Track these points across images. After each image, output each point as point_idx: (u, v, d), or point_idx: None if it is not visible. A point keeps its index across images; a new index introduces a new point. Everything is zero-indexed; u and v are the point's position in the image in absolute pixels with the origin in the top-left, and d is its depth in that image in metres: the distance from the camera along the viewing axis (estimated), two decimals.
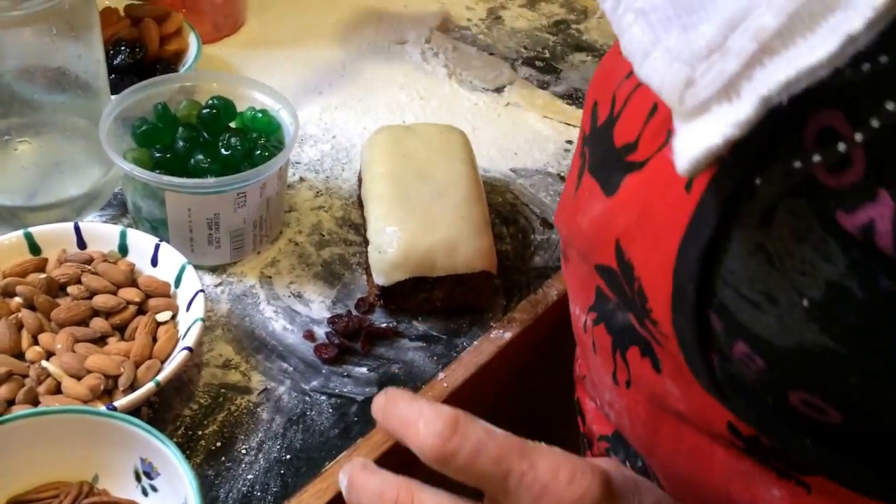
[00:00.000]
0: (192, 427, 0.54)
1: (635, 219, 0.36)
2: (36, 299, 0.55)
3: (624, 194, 0.37)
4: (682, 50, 0.30)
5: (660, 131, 0.36)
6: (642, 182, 0.36)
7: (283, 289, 0.63)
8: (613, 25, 0.33)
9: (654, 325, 0.36)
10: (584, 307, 0.48)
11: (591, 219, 0.40)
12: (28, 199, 0.65)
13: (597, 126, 0.41)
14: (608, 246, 0.38)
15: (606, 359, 0.46)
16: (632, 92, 0.39)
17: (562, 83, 0.87)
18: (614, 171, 0.39)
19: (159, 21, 0.77)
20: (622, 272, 0.37)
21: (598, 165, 0.40)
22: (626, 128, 0.38)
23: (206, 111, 0.66)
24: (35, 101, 0.64)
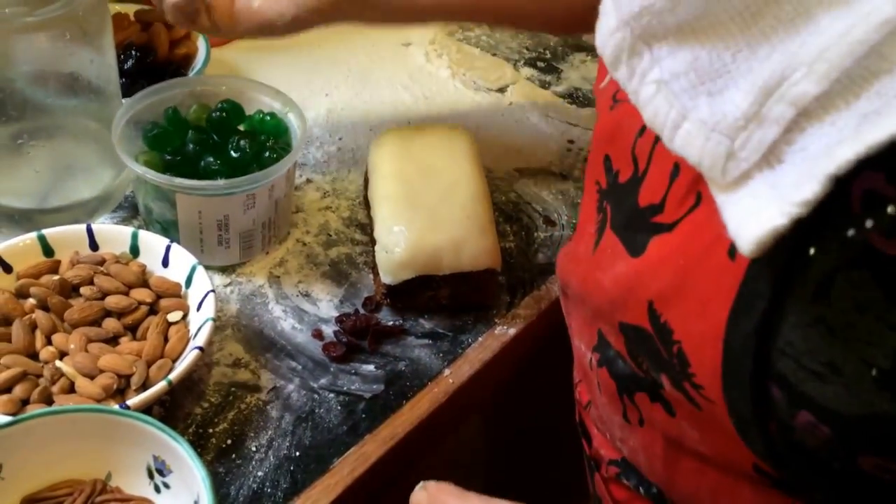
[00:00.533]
0: (203, 425, 0.54)
1: (670, 283, 0.35)
2: (49, 300, 0.55)
3: (653, 256, 0.37)
4: (718, 121, 0.30)
5: (689, 193, 0.35)
6: (674, 245, 0.36)
7: (291, 288, 0.64)
8: (630, 95, 0.33)
9: (695, 388, 0.35)
10: (589, 346, 0.47)
11: (615, 278, 0.39)
12: (41, 202, 0.65)
13: (618, 183, 0.40)
14: (638, 307, 0.37)
15: (613, 400, 0.45)
16: (651, 150, 0.38)
17: (563, 83, 0.87)
18: (639, 231, 0.38)
19: (169, 26, 0.77)
20: (658, 335, 0.36)
21: (621, 224, 0.39)
22: (651, 188, 0.37)
23: (216, 114, 0.66)
24: (48, 105, 0.64)
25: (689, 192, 0.35)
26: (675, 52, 0.32)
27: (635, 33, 0.33)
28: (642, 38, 0.33)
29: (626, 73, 0.33)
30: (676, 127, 0.31)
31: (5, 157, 0.64)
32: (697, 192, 0.34)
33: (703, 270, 0.34)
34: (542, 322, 0.66)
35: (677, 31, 0.32)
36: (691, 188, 0.35)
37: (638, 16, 0.32)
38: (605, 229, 0.41)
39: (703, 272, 0.34)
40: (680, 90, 0.31)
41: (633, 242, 0.38)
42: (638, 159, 0.38)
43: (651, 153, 0.38)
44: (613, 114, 0.41)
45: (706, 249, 0.34)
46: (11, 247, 0.58)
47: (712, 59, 0.31)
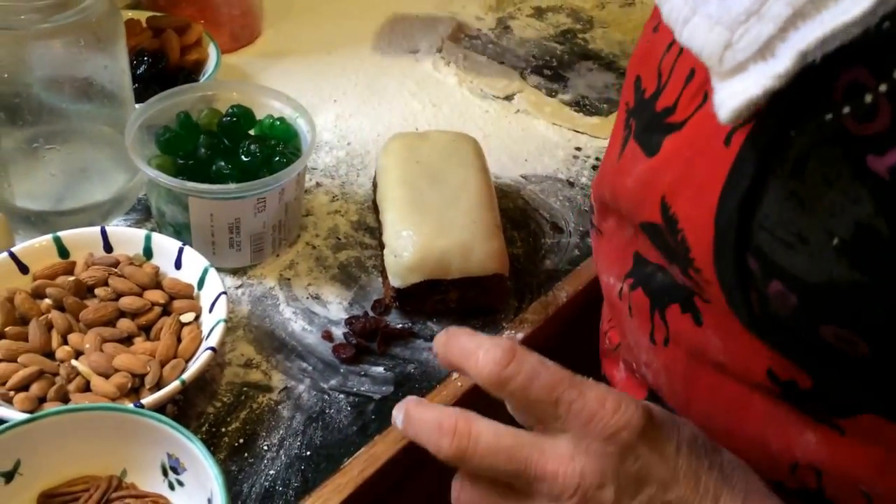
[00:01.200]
0: (216, 424, 0.55)
1: (678, 175, 0.38)
2: (65, 301, 0.56)
3: (666, 153, 0.39)
4: (722, 15, 0.32)
5: (697, 93, 0.37)
6: (683, 140, 0.38)
7: (301, 290, 0.64)
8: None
9: (696, 272, 0.38)
10: (620, 275, 0.49)
11: (636, 178, 0.42)
12: (56, 204, 0.66)
13: (643, 98, 0.43)
14: (653, 203, 0.40)
15: (644, 320, 0.47)
16: (674, 62, 0.40)
17: (569, 91, 0.88)
18: (655, 133, 0.40)
19: (180, 32, 0.79)
20: (667, 226, 0.39)
21: (642, 131, 0.42)
22: (667, 94, 0.40)
23: (227, 119, 0.67)
24: (63, 109, 0.65)
25: (698, 92, 0.37)
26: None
27: None
28: None
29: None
30: (686, 21, 0.34)
31: (22, 160, 0.65)
32: (705, 91, 0.36)
33: (703, 159, 0.36)
34: (550, 327, 0.66)
35: None
36: (700, 88, 0.37)
37: None
38: (628, 140, 0.43)
39: (704, 161, 0.36)
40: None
41: (649, 144, 0.40)
42: (662, 73, 0.41)
43: (673, 65, 0.40)
44: (647, 40, 0.44)
45: (707, 140, 0.36)
46: (28, 248, 0.59)
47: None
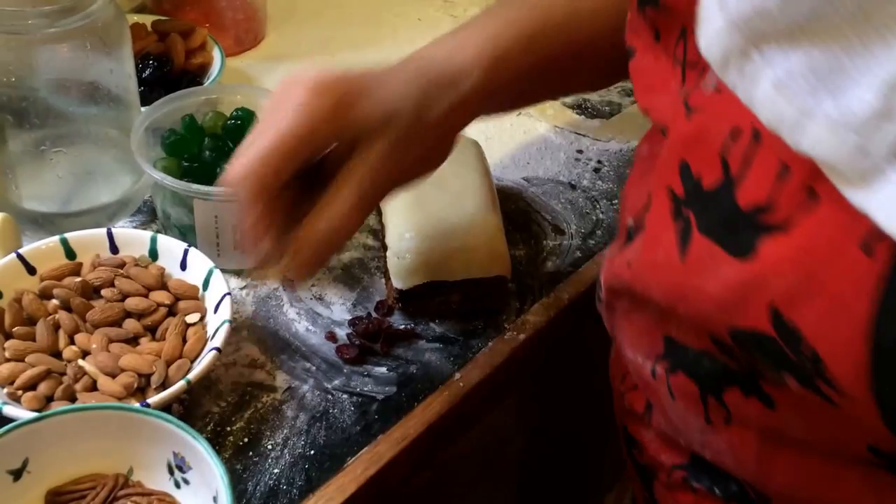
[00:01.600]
0: (221, 423, 0.56)
1: (796, 284, 0.35)
2: (72, 301, 0.57)
3: (769, 257, 0.36)
4: (846, 118, 0.30)
5: (800, 192, 0.34)
6: (794, 246, 0.35)
7: (305, 292, 0.65)
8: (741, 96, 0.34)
9: (829, 386, 0.35)
10: (649, 355, 0.46)
11: (724, 283, 0.38)
12: (63, 206, 0.67)
13: (701, 189, 0.39)
14: (758, 311, 0.36)
15: (693, 404, 0.44)
16: (747, 152, 0.37)
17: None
18: (742, 232, 0.37)
19: (185, 36, 0.79)
20: (783, 338, 0.36)
21: (715, 227, 0.38)
22: (752, 189, 0.36)
23: (231, 122, 0.67)
24: (70, 113, 0.65)
25: (802, 190, 0.34)
26: (787, 53, 0.32)
27: (745, 35, 0.33)
28: (752, 40, 0.33)
29: (737, 75, 0.34)
30: (802, 127, 0.32)
31: (29, 163, 0.66)
32: (812, 188, 0.34)
33: (834, 269, 0.33)
34: (552, 328, 0.67)
35: (788, 33, 0.32)
36: (805, 186, 0.34)
37: (750, 19, 0.33)
38: (690, 235, 0.40)
39: (836, 271, 0.33)
40: (800, 90, 0.32)
41: (735, 244, 0.37)
42: (729, 163, 0.37)
43: (747, 155, 0.37)
44: (692, 122, 0.40)
45: (835, 248, 0.33)
46: (35, 249, 0.59)
47: (827, 58, 0.31)
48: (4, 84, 0.62)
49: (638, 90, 0.49)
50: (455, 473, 0.75)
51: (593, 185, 0.78)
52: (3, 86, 0.62)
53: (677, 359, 0.44)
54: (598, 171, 0.80)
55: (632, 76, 0.50)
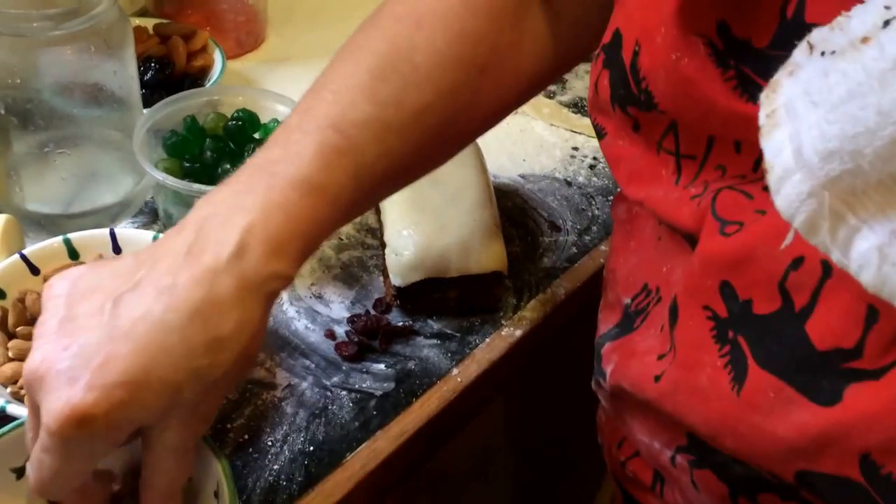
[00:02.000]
0: (222, 420, 0.56)
1: (892, 434, 0.33)
2: None
3: (859, 407, 0.33)
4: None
5: (894, 340, 0.32)
6: (889, 395, 0.33)
7: (304, 290, 0.66)
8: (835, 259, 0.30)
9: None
10: (669, 444, 0.44)
11: (800, 427, 0.35)
12: (66, 207, 0.67)
13: (752, 314, 0.37)
14: (845, 458, 0.34)
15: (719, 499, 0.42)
16: (818, 287, 0.34)
17: (567, 93, 0.89)
18: (825, 377, 0.34)
19: (186, 39, 0.80)
20: (875, 486, 0.34)
21: (783, 366, 0.36)
22: (831, 329, 0.34)
23: (232, 123, 0.68)
24: (73, 115, 0.66)
25: (895, 339, 0.32)
26: (884, 210, 0.29)
27: (834, 195, 0.29)
28: (842, 198, 0.29)
29: (829, 238, 0.30)
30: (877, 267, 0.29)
31: (33, 164, 0.67)
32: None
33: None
34: (548, 324, 0.67)
35: (880, 187, 0.28)
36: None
37: (837, 179, 0.29)
38: (746, 365, 0.37)
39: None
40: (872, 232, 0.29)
41: (815, 389, 0.34)
42: (791, 293, 0.35)
43: (819, 289, 0.34)
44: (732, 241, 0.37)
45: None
46: (39, 250, 0.60)
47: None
48: (9, 86, 0.62)
49: (620, 177, 0.45)
50: (453, 468, 0.76)
51: (589, 182, 0.78)
52: (7, 88, 0.62)
53: (705, 457, 0.42)
54: (593, 167, 0.80)
55: (607, 158, 0.47)
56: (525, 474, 0.93)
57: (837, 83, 0.28)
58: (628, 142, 0.44)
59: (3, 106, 0.63)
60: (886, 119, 0.27)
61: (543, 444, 0.92)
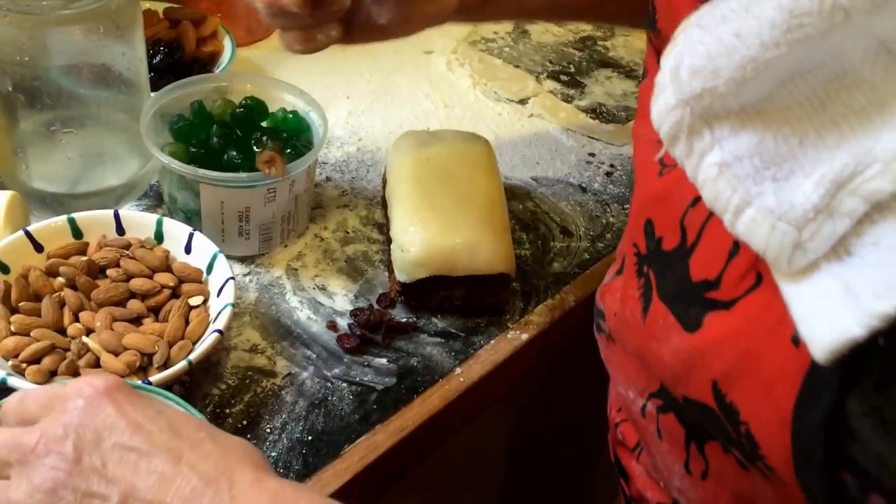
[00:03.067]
0: (221, 405, 0.61)
1: (733, 363, 0.37)
2: (77, 280, 0.62)
3: (712, 334, 0.38)
4: (785, 210, 0.31)
5: (747, 273, 0.36)
6: (734, 325, 0.37)
7: (308, 281, 0.70)
8: (688, 172, 0.35)
9: (768, 469, 0.37)
10: (642, 392, 0.49)
11: (674, 352, 0.40)
12: (71, 187, 0.72)
13: (661, 249, 0.42)
14: (701, 385, 0.39)
15: (676, 447, 0.47)
16: (704, 223, 0.39)
17: (586, 97, 0.93)
18: (691, 304, 0.39)
19: (196, 24, 0.85)
20: (724, 414, 0.38)
21: (671, 296, 0.41)
22: (704, 262, 0.38)
23: (240, 110, 0.73)
24: (81, 95, 0.70)
25: (748, 272, 0.36)
26: (737, 133, 0.33)
27: (695, 112, 0.34)
28: (703, 117, 0.34)
29: (685, 150, 0.35)
30: (739, 212, 0.32)
31: (39, 143, 0.72)
32: (758, 272, 0.36)
33: (766, 354, 0.35)
34: (556, 330, 0.71)
35: (740, 113, 0.33)
36: (751, 268, 0.36)
37: (699, 96, 0.33)
38: (651, 297, 0.43)
39: (767, 356, 0.35)
40: (743, 174, 0.32)
41: (685, 316, 0.39)
42: (687, 230, 0.39)
43: (703, 226, 0.39)
44: (663, 180, 0.42)
45: (769, 333, 0.35)
46: (43, 228, 0.64)
47: (777, 143, 0.32)
48: (18, 64, 0.67)
49: (638, 116, 0.51)
50: (450, 467, 0.79)
51: (605, 189, 0.82)
52: (16, 65, 0.67)
53: (671, 402, 0.46)
54: (610, 174, 0.84)
55: (639, 101, 0.53)
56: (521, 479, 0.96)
57: (718, 8, 0.33)
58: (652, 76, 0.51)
59: (11, 84, 0.67)
60: (742, 42, 0.32)
61: (542, 450, 0.94)
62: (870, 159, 0.30)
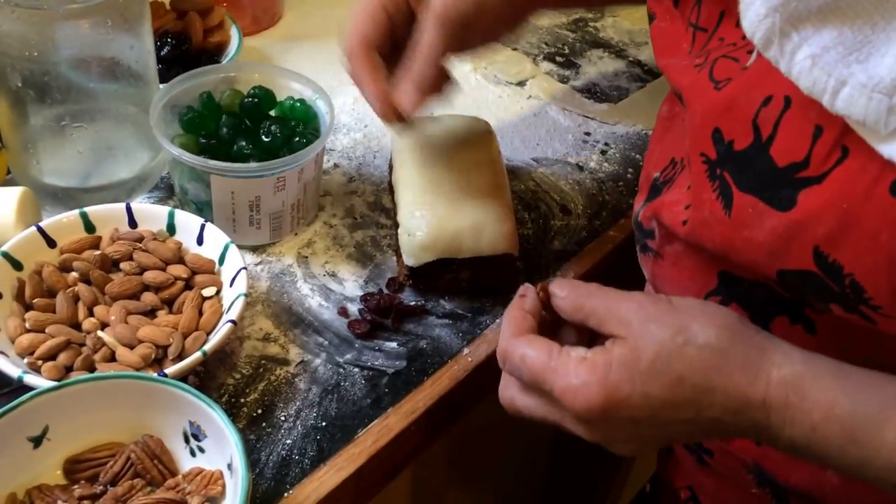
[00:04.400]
0: (235, 395, 0.56)
1: (835, 226, 0.39)
2: (91, 274, 0.57)
3: (809, 205, 0.40)
4: (876, 83, 0.35)
5: (834, 149, 0.39)
6: (830, 193, 0.39)
7: (318, 268, 0.65)
8: (782, 69, 0.39)
9: (873, 310, 0.40)
10: (701, 293, 0.50)
11: (769, 232, 0.42)
12: (83, 181, 0.66)
13: (733, 150, 0.43)
14: (803, 254, 0.41)
15: None
16: (779, 117, 0.41)
17: (581, 77, 0.87)
18: (783, 187, 0.41)
19: (203, 15, 0.79)
20: (826, 273, 0.40)
21: (757, 186, 0.42)
22: (787, 149, 0.41)
23: (248, 100, 0.67)
24: (90, 89, 0.65)
25: (834, 148, 0.39)
26: (819, 30, 0.37)
27: (783, 17, 0.38)
28: (790, 21, 0.38)
29: (778, 51, 0.38)
30: (836, 92, 0.36)
31: (50, 138, 0.66)
32: (843, 146, 0.38)
33: (868, 210, 0.38)
34: None
35: (819, 13, 0.37)
36: (836, 144, 0.39)
37: (786, 3, 0.38)
38: (730, 193, 0.44)
39: (869, 211, 0.38)
40: (832, 61, 0.36)
41: (777, 198, 0.41)
42: (761, 127, 0.42)
43: (779, 120, 0.41)
44: (723, 93, 0.44)
45: (866, 192, 0.38)
46: (55, 223, 0.59)
47: (854, 33, 0.36)
48: (27, 59, 0.61)
49: (656, 52, 0.53)
50: (464, 445, 0.75)
51: (600, 167, 0.77)
52: (25, 60, 0.61)
53: (731, 291, 0.49)
54: (604, 153, 0.79)
55: (652, 39, 0.54)
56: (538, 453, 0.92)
57: None
58: (669, 21, 0.52)
59: (21, 79, 0.62)
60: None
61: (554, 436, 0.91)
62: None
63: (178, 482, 0.49)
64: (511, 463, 0.88)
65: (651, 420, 0.43)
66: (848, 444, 0.40)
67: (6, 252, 0.56)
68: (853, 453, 0.40)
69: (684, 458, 0.61)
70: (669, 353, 0.42)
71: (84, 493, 0.48)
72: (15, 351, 0.53)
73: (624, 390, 0.42)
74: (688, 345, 0.42)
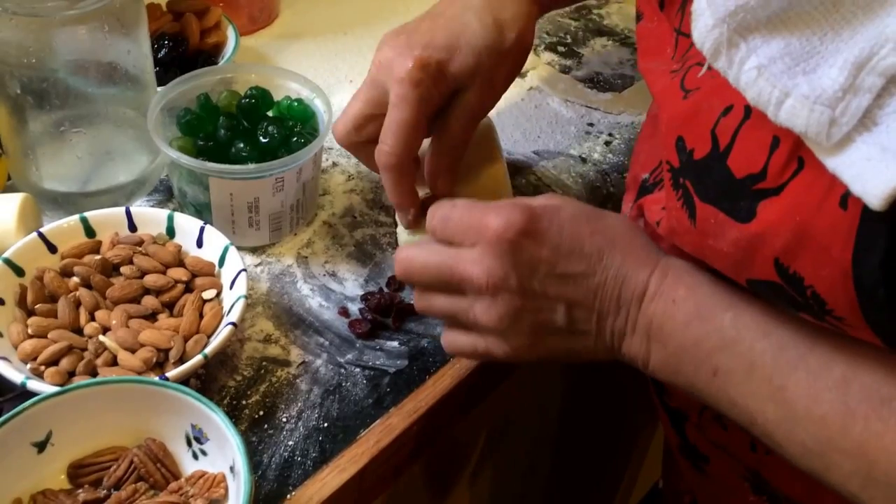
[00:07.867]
0: (237, 397, 0.57)
1: (791, 238, 0.39)
2: (92, 279, 0.58)
3: (767, 217, 0.40)
4: (818, 95, 0.36)
5: (790, 160, 0.39)
6: (787, 205, 0.39)
7: (318, 268, 0.66)
8: (731, 79, 0.40)
9: (837, 320, 0.40)
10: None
11: (731, 243, 0.42)
12: (82, 186, 0.68)
13: (692, 160, 0.44)
14: (765, 265, 0.41)
15: None
16: (737, 128, 0.42)
17: (583, 68, 0.88)
18: (741, 199, 0.41)
19: (199, 15, 0.80)
20: (789, 285, 0.41)
21: (716, 196, 0.43)
22: (745, 160, 0.41)
23: (246, 101, 0.68)
24: (88, 94, 0.66)
25: (791, 159, 0.39)
26: (768, 40, 0.37)
27: (731, 28, 0.39)
28: (738, 31, 0.39)
29: (726, 62, 0.39)
30: (781, 103, 0.37)
31: (49, 143, 0.67)
32: (799, 157, 0.39)
33: (820, 222, 0.38)
34: None
35: (768, 23, 0.37)
36: (792, 155, 0.39)
37: (734, 13, 0.38)
38: (693, 203, 0.45)
39: (821, 224, 0.38)
40: (778, 72, 0.37)
41: (736, 210, 0.42)
42: (719, 137, 0.42)
43: (737, 130, 0.42)
44: (689, 101, 0.45)
45: (818, 204, 0.38)
46: (56, 228, 0.60)
47: (802, 43, 0.36)
48: (25, 66, 0.62)
49: (640, 53, 0.54)
50: (466, 445, 0.76)
51: (604, 159, 0.78)
52: (23, 67, 0.62)
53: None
54: (608, 143, 0.79)
55: (637, 39, 0.55)
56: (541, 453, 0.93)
57: None
58: (656, 23, 0.53)
59: (19, 85, 0.63)
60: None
61: (558, 423, 0.92)
62: (882, 41, 0.34)
63: (181, 485, 0.50)
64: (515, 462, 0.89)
65: (547, 268, 0.48)
66: (694, 318, 0.46)
67: (8, 259, 0.58)
68: (695, 329, 0.46)
69: (683, 465, 0.62)
70: (589, 214, 0.50)
71: (88, 497, 0.49)
72: (18, 357, 0.55)
73: (543, 222, 0.48)
74: (606, 216, 0.50)
